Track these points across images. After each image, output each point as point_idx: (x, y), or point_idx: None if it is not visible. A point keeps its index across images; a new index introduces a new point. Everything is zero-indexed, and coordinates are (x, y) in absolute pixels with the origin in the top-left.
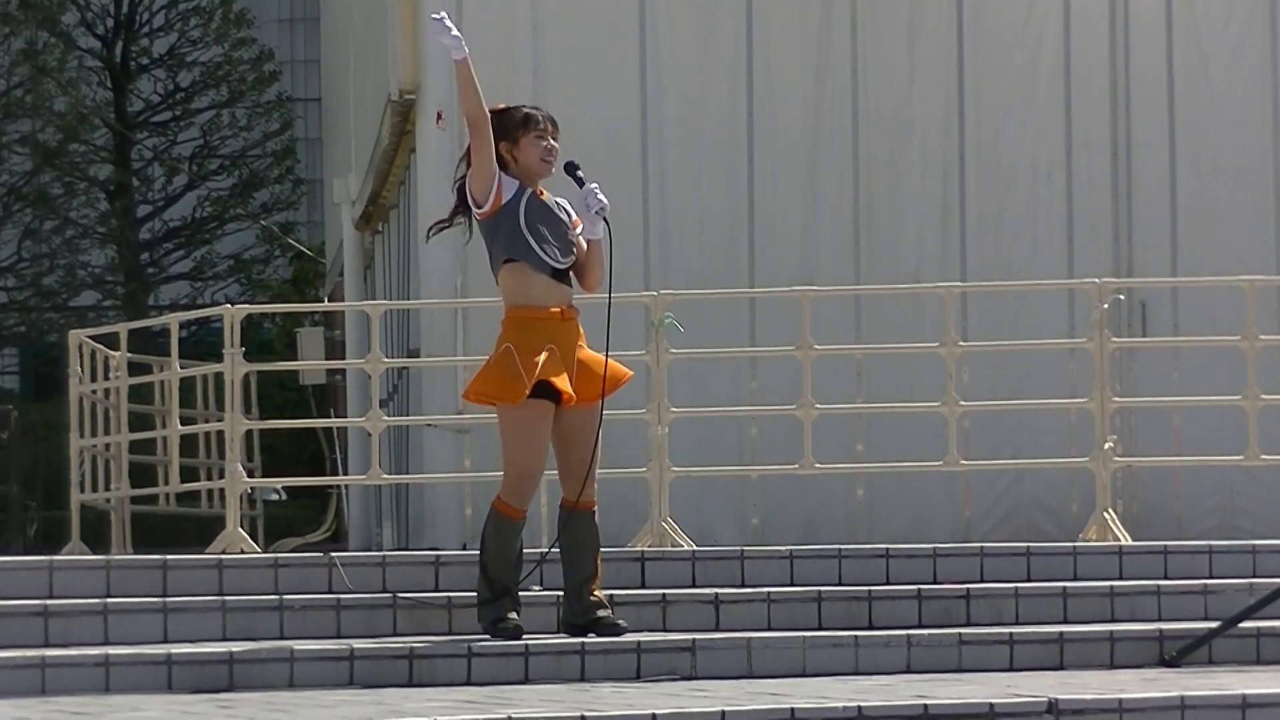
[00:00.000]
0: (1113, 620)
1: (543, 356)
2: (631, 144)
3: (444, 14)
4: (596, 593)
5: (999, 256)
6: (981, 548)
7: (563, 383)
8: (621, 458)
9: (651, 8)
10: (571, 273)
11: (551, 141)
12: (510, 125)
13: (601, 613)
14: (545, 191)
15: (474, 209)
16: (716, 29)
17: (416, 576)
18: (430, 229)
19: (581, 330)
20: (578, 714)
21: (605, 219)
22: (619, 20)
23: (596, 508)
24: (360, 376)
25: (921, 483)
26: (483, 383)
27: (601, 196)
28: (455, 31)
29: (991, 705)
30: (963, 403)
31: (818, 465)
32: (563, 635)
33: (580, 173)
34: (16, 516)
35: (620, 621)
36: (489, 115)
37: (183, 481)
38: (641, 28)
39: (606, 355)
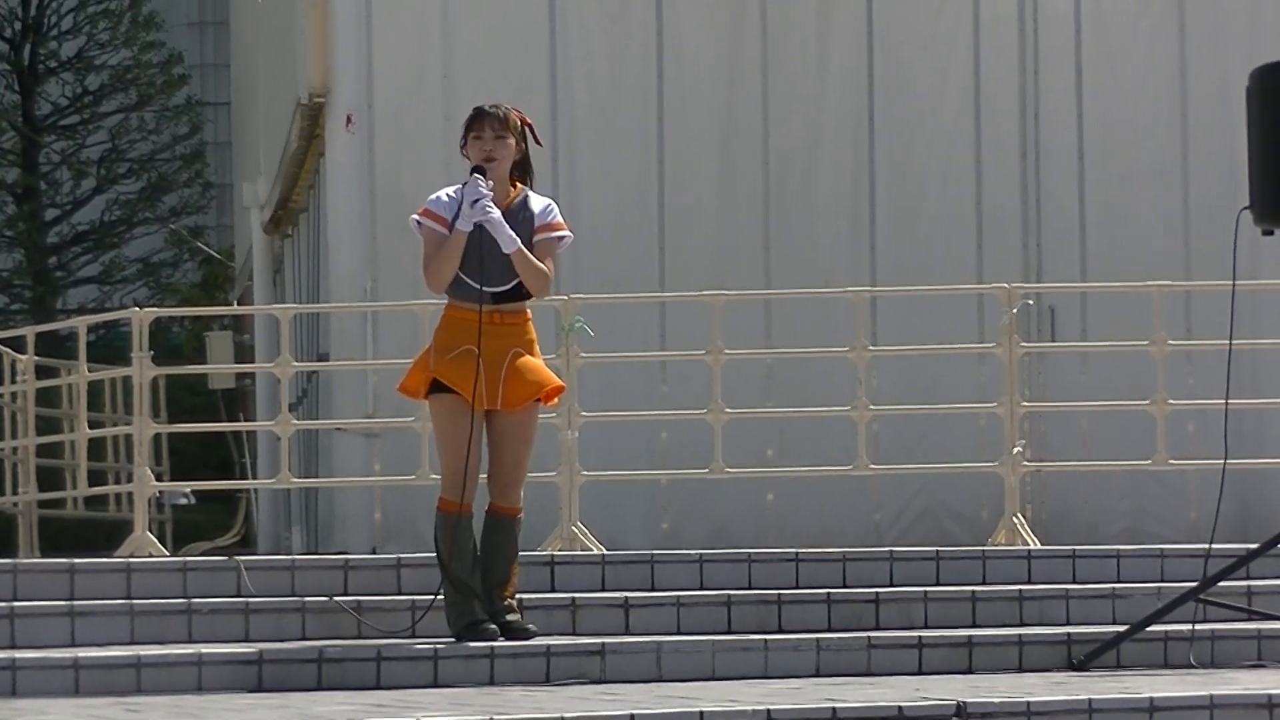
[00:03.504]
0: (1021, 624)
1: (452, 356)
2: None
3: (481, 181)
4: (508, 598)
5: (909, 260)
6: (891, 552)
7: (460, 384)
8: (532, 462)
9: (562, 10)
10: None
11: (494, 143)
12: (466, 127)
13: (511, 617)
14: (520, 188)
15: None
16: (627, 31)
17: (325, 580)
18: None
19: (534, 335)
20: (486, 717)
21: (478, 218)
22: (529, 22)
23: (520, 516)
24: (269, 380)
25: (831, 487)
26: (405, 375)
27: (481, 188)
28: (486, 203)
29: (900, 708)
30: (872, 407)
31: (728, 470)
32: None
33: (476, 171)
34: None
35: (530, 625)
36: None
37: (91, 485)
38: (552, 30)
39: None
